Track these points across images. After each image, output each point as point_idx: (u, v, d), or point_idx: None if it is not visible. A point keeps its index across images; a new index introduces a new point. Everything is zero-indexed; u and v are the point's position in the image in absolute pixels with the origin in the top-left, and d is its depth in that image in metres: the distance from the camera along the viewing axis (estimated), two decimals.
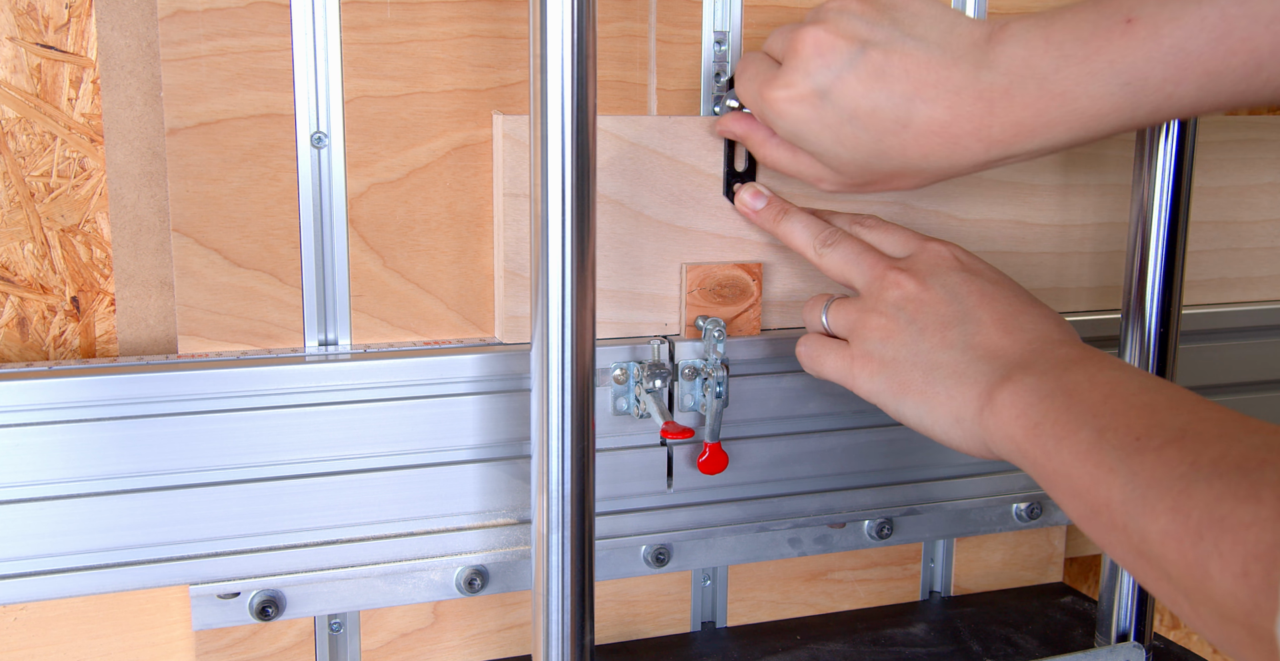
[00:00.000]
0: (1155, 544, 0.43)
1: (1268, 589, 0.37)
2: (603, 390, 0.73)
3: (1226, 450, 0.43)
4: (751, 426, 0.77)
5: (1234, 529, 0.39)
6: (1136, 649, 0.80)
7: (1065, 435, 0.50)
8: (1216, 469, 0.42)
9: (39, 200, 0.70)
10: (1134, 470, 0.46)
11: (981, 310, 0.60)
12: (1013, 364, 0.57)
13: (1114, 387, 0.51)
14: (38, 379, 0.64)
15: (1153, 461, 0.45)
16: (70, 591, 0.66)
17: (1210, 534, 0.40)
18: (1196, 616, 0.42)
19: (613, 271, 0.73)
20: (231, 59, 0.67)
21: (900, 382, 0.61)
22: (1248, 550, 0.38)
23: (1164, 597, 0.45)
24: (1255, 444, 0.42)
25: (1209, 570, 0.40)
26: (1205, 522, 0.41)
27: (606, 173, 0.72)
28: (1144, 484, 0.45)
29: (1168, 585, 0.43)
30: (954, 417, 0.59)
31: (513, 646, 0.81)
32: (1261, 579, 0.38)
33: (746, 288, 0.75)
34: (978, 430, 0.57)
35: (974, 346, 0.59)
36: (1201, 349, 0.88)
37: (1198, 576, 0.41)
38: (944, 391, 0.59)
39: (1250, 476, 0.40)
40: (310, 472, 0.69)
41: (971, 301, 0.61)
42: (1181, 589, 0.42)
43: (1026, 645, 0.83)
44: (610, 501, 0.75)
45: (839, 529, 0.82)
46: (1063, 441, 0.50)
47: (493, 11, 0.72)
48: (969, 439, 0.58)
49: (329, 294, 0.72)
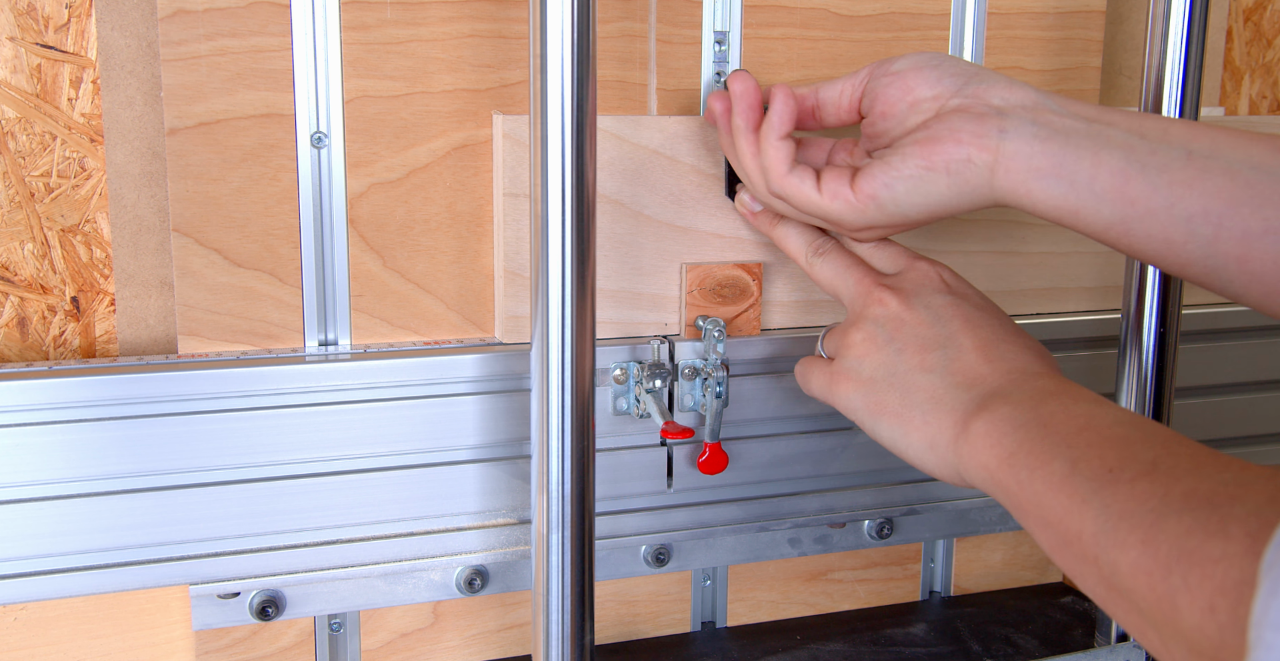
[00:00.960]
0: (1125, 576, 0.43)
1: (1234, 625, 0.37)
2: (603, 390, 0.73)
3: (1197, 484, 0.43)
4: (751, 426, 0.77)
5: (1202, 563, 0.39)
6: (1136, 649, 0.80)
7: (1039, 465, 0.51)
8: (1187, 503, 0.42)
9: (39, 200, 0.70)
10: (1106, 502, 0.46)
11: (963, 335, 0.60)
12: (989, 393, 0.57)
13: (1088, 420, 0.51)
14: (38, 379, 0.64)
15: (1125, 494, 0.45)
16: (70, 591, 0.66)
17: (1179, 568, 0.40)
18: (1166, 650, 0.42)
19: (613, 271, 0.73)
20: (231, 59, 0.67)
21: (876, 402, 0.61)
22: (1215, 585, 0.38)
23: (1133, 630, 0.45)
24: (1226, 479, 0.42)
25: (1177, 604, 0.40)
26: (1174, 556, 0.41)
27: (606, 173, 0.72)
28: (1116, 516, 0.45)
29: (1138, 617, 0.43)
30: (928, 443, 0.59)
31: (513, 646, 0.81)
32: (1228, 615, 0.38)
33: (747, 288, 0.75)
34: (951, 457, 0.57)
35: (953, 372, 0.59)
36: (1201, 349, 0.88)
37: (1166, 610, 0.41)
38: (920, 416, 0.59)
39: (1220, 511, 0.40)
40: (310, 472, 0.69)
41: (954, 325, 0.61)
42: (1151, 622, 0.42)
43: (1026, 645, 0.83)
44: (610, 501, 0.74)
45: (839, 529, 0.82)
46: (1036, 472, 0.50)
47: (493, 11, 0.72)
48: (942, 465, 0.58)
49: (329, 294, 0.72)
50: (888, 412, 0.61)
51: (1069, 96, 0.61)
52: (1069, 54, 0.84)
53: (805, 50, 0.78)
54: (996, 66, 0.82)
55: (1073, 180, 0.57)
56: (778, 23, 0.77)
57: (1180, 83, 0.73)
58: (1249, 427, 0.92)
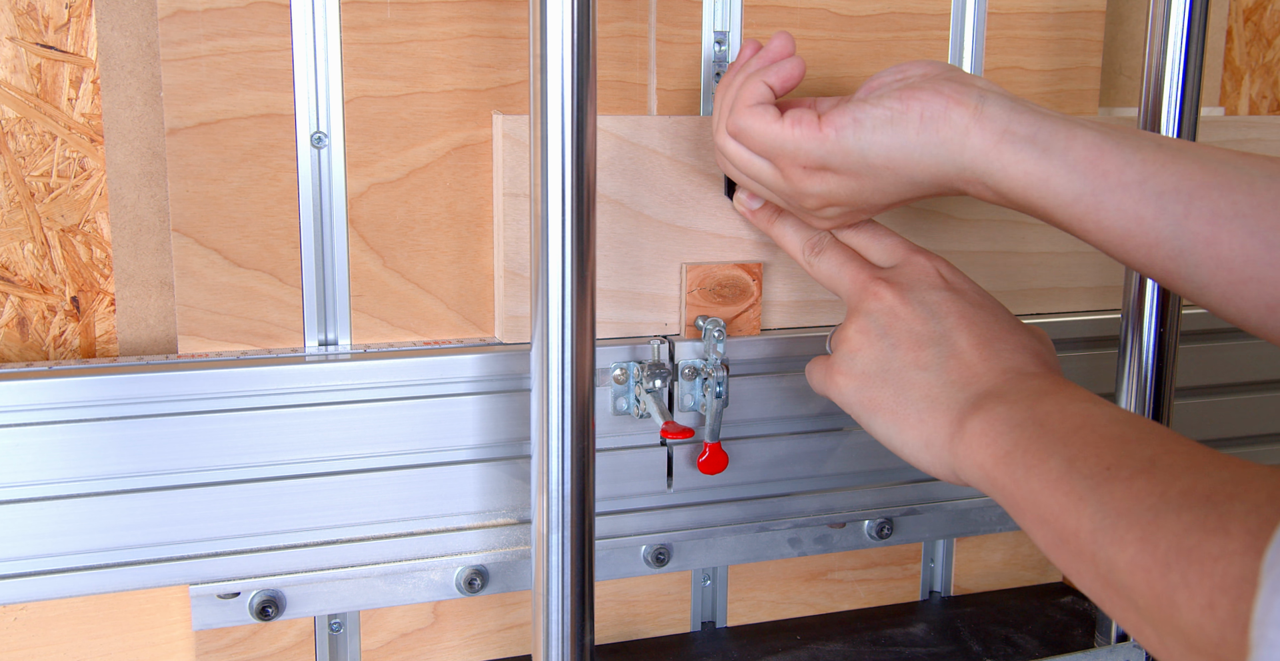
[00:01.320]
0: (1123, 573, 0.43)
1: (1234, 622, 0.37)
2: (603, 390, 0.73)
3: (1195, 482, 0.43)
4: (751, 426, 0.77)
5: (1201, 561, 0.39)
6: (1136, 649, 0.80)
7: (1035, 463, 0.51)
8: (1185, 500, 0.42)
9: (39, 200, 0.70)
10: (1103, 500, 0.46)
11: (959, 332, 0.60)
12: (985, 392, 0.57)
13: (1085, 418, 0.51)
14: (38, 379, 0.64)
15: (1122, 491, 0.45)
16: (70, 591, 0.66)
17: (1178, 565, 0.40)
18: (1163, 647, 0.42)
19: (613, 271, 0.73)
20: (231, 59, 0.67)
21: (871, 398, 0.61)
22: (1214, 582, 0.38)
23: (1130, 627, 0.45)
24: (1224, 477, 0.42)
25: (1176, 601, 0.40)
26: (1173, 554, 0.41)
27: (606, 173, 0.72)
28: (1113, 513, 0.45)
29: (1135, 615, 0.43)
30: (923, 441, 0.59)
31: (513, 646, 0.81)
32: (1228, 612, 0.37)
33: (746, 287, 0.75)
34: (947, 456, 0.58)
35: (948, 370, 0.59)
36: (1201, 349, 0.88)
37: (1165, 607, 0.41)
38: (915, 415, 0.59)
39: (1219, 509, 0.40)
40: (310, 472, 0.69)
41: (950, 322, 0.61)
42: (1149, 619, 0.42)
43: (1026, 645, 0.83)
44: (610, 501, 0.74)
45: (839, 529, 0.82)
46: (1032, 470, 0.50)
47: (493, 11, 0.72)
48: (937, 463, 0.58)
49: (329, 294, 0.72)
50: (883, 409, 0.61)
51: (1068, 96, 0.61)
52: (1069, 54, 0.84)
53: (805, 50, 0.78)
54: (996, 66, 0.82)
55: (1047, 147, 0.57)
56: (778, 23, 0.77)
57: (1180, 83, 0.73)
58: (1249, 427, 0.92)
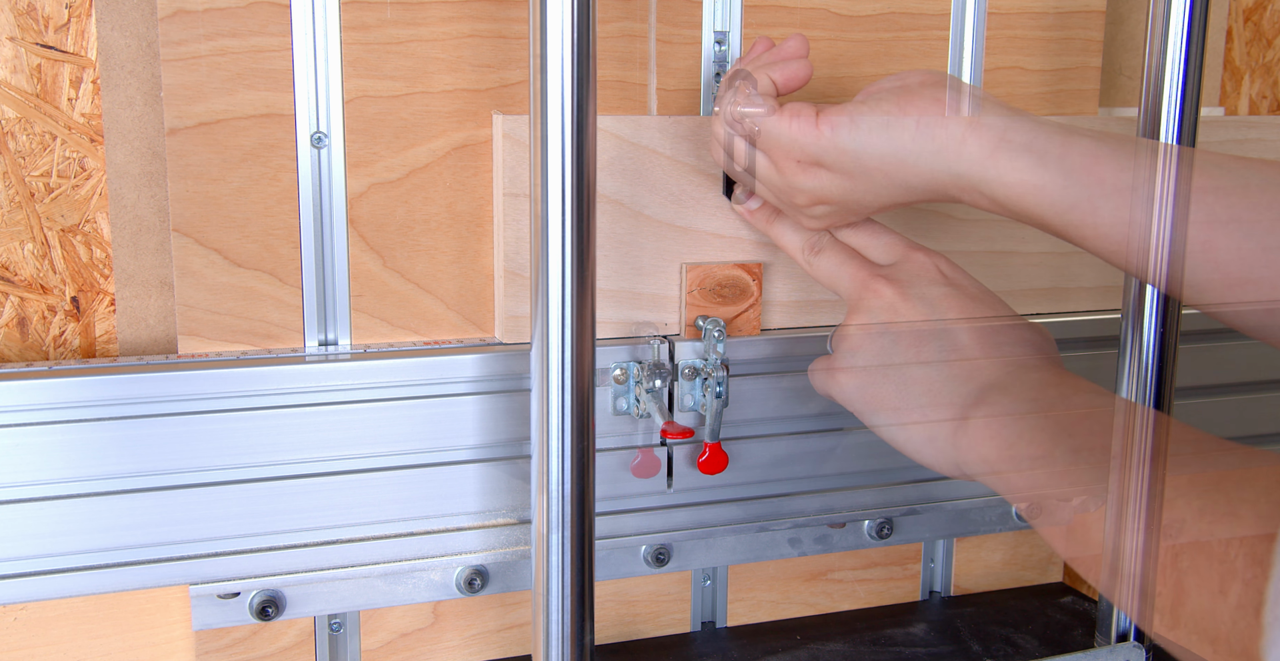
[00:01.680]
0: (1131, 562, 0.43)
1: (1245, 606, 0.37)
2: (603, 390, 0.73)
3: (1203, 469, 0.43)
4: (751, 426, 0.77)
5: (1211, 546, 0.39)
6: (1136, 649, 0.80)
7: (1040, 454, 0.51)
8: (1193, 487, 0.42)
9: (39, 200, 0.70)
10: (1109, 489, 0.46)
11: (960, 327, 0.60)
12: (987, 385, 0.57)
13: (1088, 409, 0.51)
14: (38, 379, 0.64)
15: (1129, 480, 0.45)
16: (70, 591, 0.66)
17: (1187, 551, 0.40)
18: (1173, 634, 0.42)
19: (613, 271, 0.73)
20: (231, 59, 0.67)
21: (874, 395, 0.61)
22: (1225, 567, 0.39)
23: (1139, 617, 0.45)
24: (1232, 463, 0.43)
25: (1186, 587, 0.40)
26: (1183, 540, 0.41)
27: (606, 173, 0.72)
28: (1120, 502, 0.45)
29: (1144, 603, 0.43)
30: (926, 436, 0.59)
31: (513, 646, 0.81)
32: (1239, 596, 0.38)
33: (746, 287, 0.75)
34: (950, 450, 0.57)
35: (950, 364, 0.59)
36: (1201, 349, 0.88)
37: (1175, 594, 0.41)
38: (918, 410, 0.59)
39: (1228, 494, 0.40)
40: (310, 472, 0.69)
41: (951, 316, 0.61)
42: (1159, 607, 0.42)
43: (1026, 645, 0.83)
44: (610, 501, 0.74)
45: (839, 529, 0.82)
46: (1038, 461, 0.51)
47: (493, 11, 0.72)
48: (940, 458, 0.58)
49: (329, 294, 0.72)
50: (885, 406, 0.61)
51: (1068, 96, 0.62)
52: (1069, 54, 0.84)
53: None
54: (996, 66, 0.82)
55: (1043, 154, 0.57)
56: (778, 23, 0.77)
57: (1180, 83, 0.73)
58: (1249, 428, 0.92)
